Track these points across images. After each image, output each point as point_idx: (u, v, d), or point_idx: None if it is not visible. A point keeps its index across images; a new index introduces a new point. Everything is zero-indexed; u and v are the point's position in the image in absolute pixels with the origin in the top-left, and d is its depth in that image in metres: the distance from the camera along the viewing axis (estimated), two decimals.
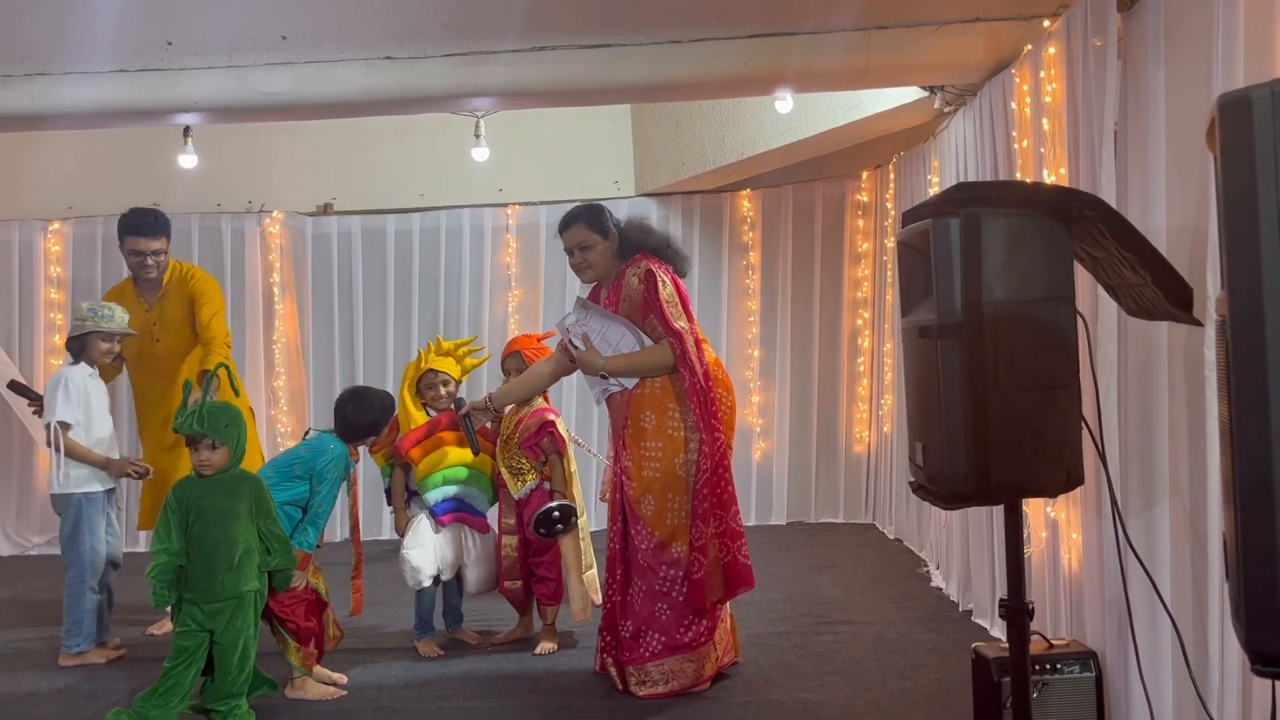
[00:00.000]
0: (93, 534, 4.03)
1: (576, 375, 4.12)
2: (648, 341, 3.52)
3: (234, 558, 3.24)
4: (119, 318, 4.10)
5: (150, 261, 4.45)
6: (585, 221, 3.63)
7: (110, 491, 4.15)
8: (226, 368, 3.82)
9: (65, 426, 3.96)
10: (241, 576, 3.26)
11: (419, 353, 4.19)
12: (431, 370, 4.13)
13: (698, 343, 3.49)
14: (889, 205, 6.01)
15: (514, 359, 4.13)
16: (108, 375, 4.36)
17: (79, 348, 4.08)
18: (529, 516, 3.94)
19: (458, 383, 4.22)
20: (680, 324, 3.45)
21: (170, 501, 3.27)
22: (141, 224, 4.42)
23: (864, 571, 5.30)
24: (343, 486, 3.74)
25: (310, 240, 6.58)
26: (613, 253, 3.62)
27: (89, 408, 4.04)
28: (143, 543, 6.09)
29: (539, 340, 4.22)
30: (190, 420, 3.25)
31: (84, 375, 4.05)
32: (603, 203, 3.85)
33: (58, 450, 3.96)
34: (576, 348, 3.61)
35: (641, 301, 3.50)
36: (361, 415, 3.80)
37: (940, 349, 2.20)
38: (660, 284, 3.48)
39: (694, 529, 3.39)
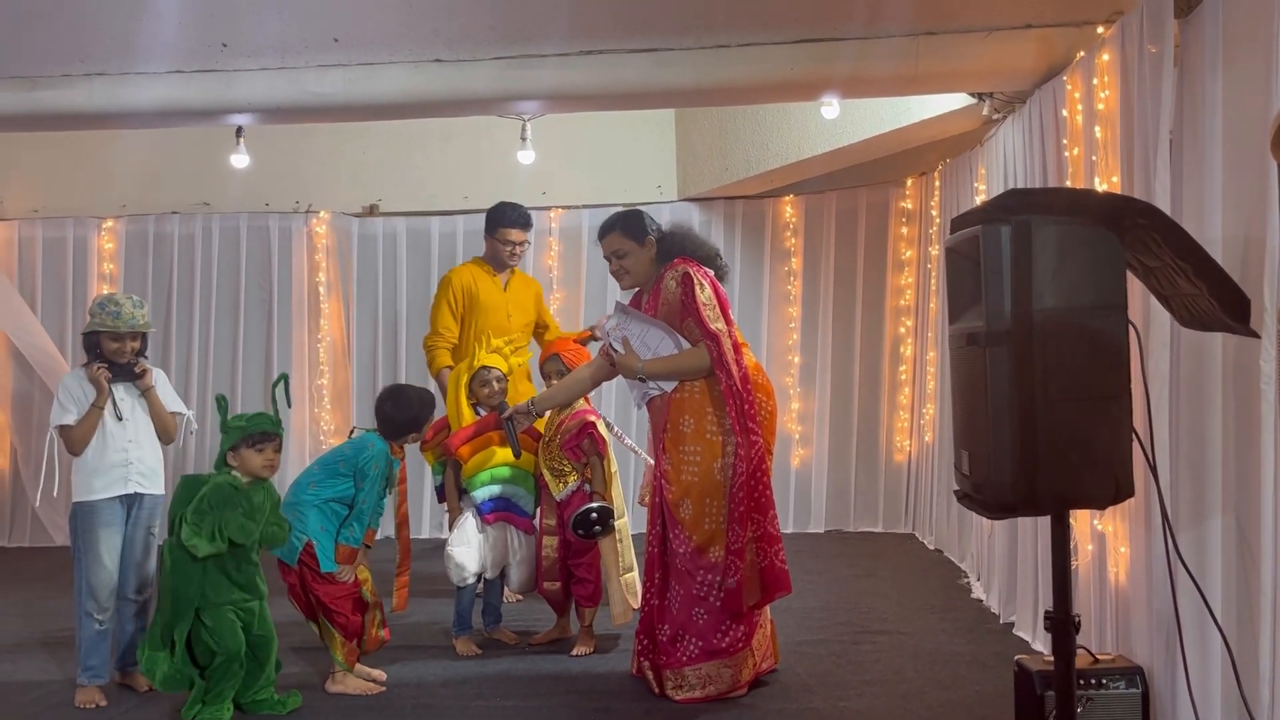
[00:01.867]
0: (90, 551, 3.52)
1: (619, 378, 4.14)
2: (686, 345, 3.52)
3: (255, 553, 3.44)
4: (126, 313, 3.61)
5: (518, 251, 5.07)
6: (621, 229, 3.67)
7: (135, 500, 3.63)
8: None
9: (63, 430, 3.57)
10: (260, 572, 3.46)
11: (472, 348, 4.22)
12: (484, 367, 4.18)
13: (736, 346, 3.49)
14: (934, 212, 5.97)
15: (553, 361, 4.16)
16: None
17: (90, 346, 3.66)
18: (569, 517, 3.95)
19: (506, 377, 4.26)
20: (717, 326, 3.45)
21: (219, 498, 3.33)
22: (519, 217, 5.06)
23: (903, 581, 5.25)
24: (384, 483, 3.78)
25: (356, 241, 6.65)
26: (650, 259, 3.64)
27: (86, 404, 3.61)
28: None
29: (576, 342, 4.23)
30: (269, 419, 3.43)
31: (79, 378, 3.62)
32: (644, 208, 3.88)
33: (51, 460, 3.84)
34: (616, 351, 3.62)
35: (679, 305, 3.51)
36: (400, 412, 3.84)
37: (988, 356, 2.19)
38: (698, 287, 3.48)
39: (730, 533, 3.39)
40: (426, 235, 6.65)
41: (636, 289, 3.77)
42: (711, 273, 3.61)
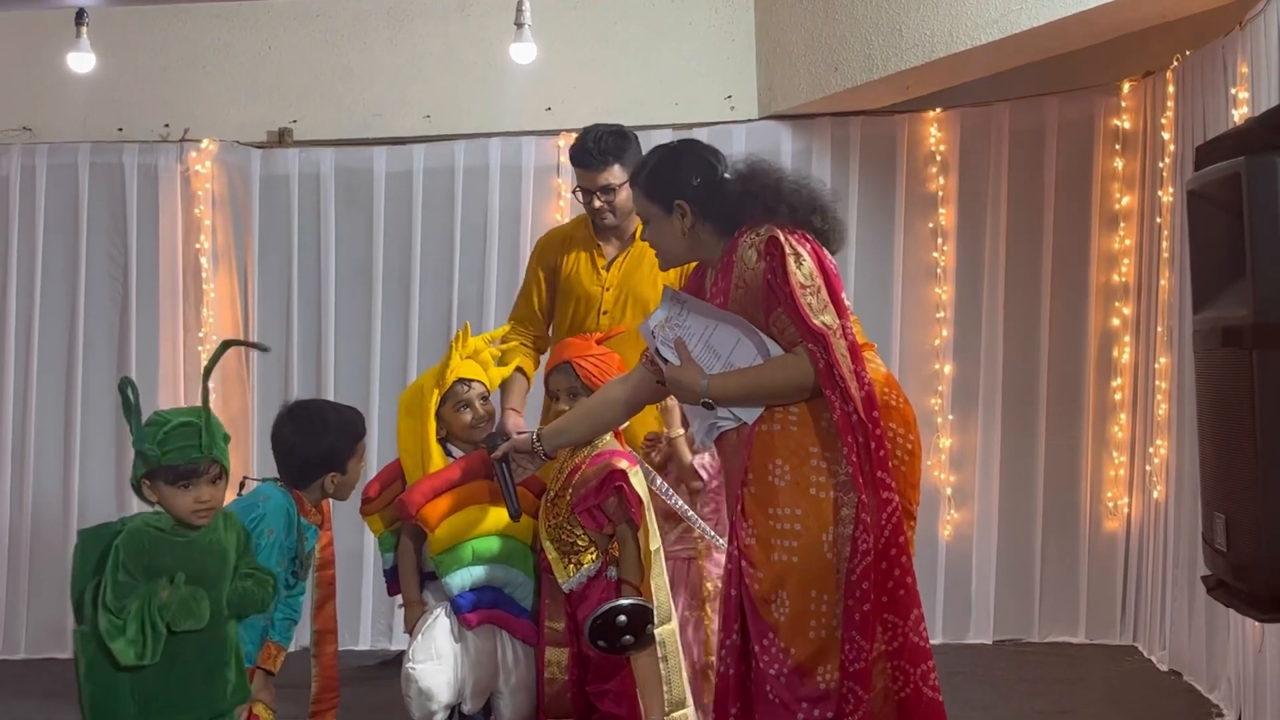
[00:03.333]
0: None
1: (671, 401, 4.13)
2: (777, 350, 3.52)
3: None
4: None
5: (599, 203, 4.82)
6: (644, 183, 3.70)
7: None
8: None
9: None
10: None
11: (448, 352, 4.26)
12: (462, 380, 4.20)
13: (855, 350, 3.48)
14: (1165, 136, 5.93)
15: (562, 375, 4.18)
16: None
17: None
18: (586, 619, 3.96)
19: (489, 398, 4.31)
20: (823, 320, 3.44)
21: (141, 555, 3.32)
22: (581, 151, 4.83)
23: None
24: (287, 556, 3.82)
25: (257, 184, 6.69)
26: (687, 230, 3.65)
27: None
28: None
29: (600, 345, 4.24)
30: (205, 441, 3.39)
31: None
32: (706, 132, 3.88)
33: None
34: (667, 362, 3.64)
35: (764, 287, 3.51)
36: (305, 442, 3.88)
37: (1257, 363, 2.20)
38: (791, 258, 3.48)
39: (847, 644, 3.38)
40: (366, 175, 6.68)
41: (698, 265, 3.78)
42: (813, 238, 3.60)
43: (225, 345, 3.61)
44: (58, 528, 6.54)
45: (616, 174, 4.76)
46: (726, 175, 3.65)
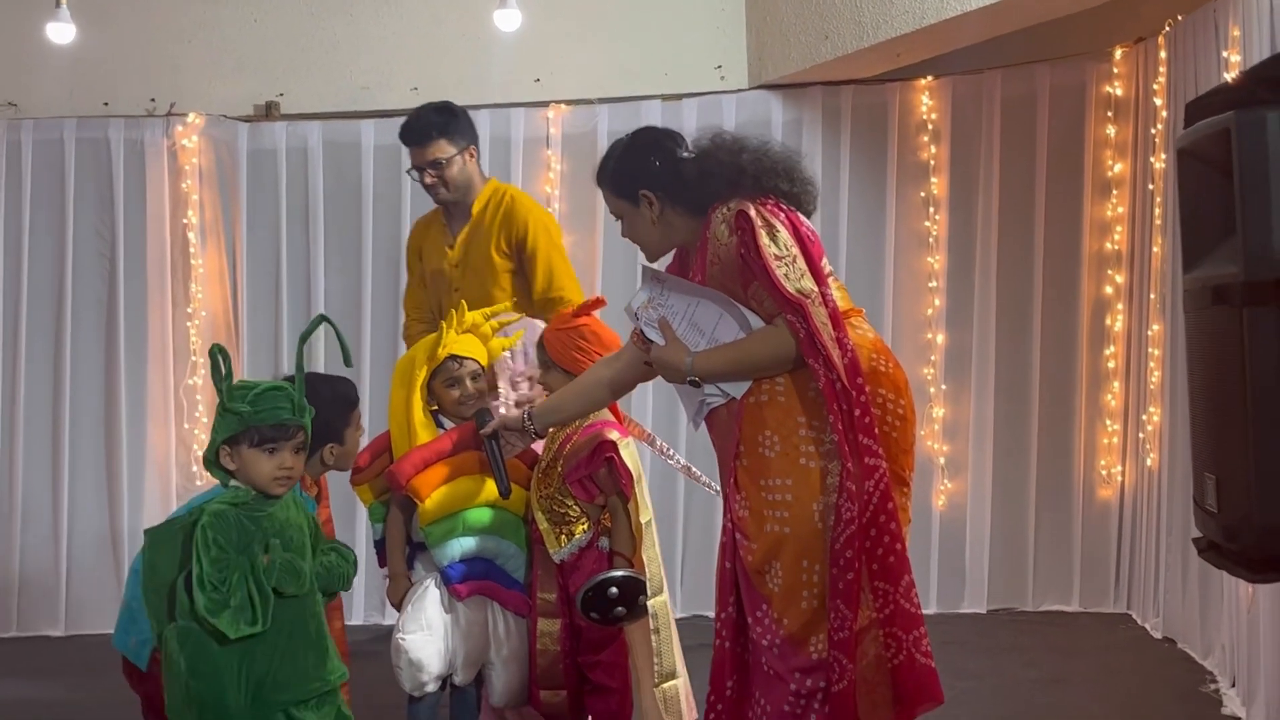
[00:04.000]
0: None
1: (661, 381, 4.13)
2: (757, 323, 3.52)
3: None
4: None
5: (430, 179, 5.14)
6: (610, 181, 3.75)
7: None
8: None
9: None
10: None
11: (438, 333, 4.25)
12: (454, 357, 4.20)
13: (836, 315, 3.48)
14: (1158, 101, 5.93)
15: (537, 349, 4.23)
16: None
17: None
18: (577, 590, 3.97)
19: (485, 373, 4.30)
20: (799, 287, 3.43)
21: (229, 532, 3.29)
22: (406, 130, 5.14)
23: (1114, 690, 5.25)
24: None
25: (245, 158, 6.70)
26: (656, 218, 3.69)
27: None
28: None
29: (575, 315, 4.23)
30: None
31: None
32: (698, 101, 3.84)
33: None
34: (651, 342, 3.63)
35: (738, 262, 3.51)
36: None
37: (1248, 321, 2.20)
38: (764, 231, 3.47)
39: (832, 613, 3.38)
40: (354, 148, 6.69)
41: (677, 250, 3.79)
42: (786, 203, 3.59)
43: (320, 319, 3.63)
44: (45, 496, 6.59)
45: (444, 148, 5.06)
46: (686, 156, 3.66)
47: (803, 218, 3.61)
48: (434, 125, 5.03)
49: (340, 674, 3.45)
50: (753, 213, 3.49)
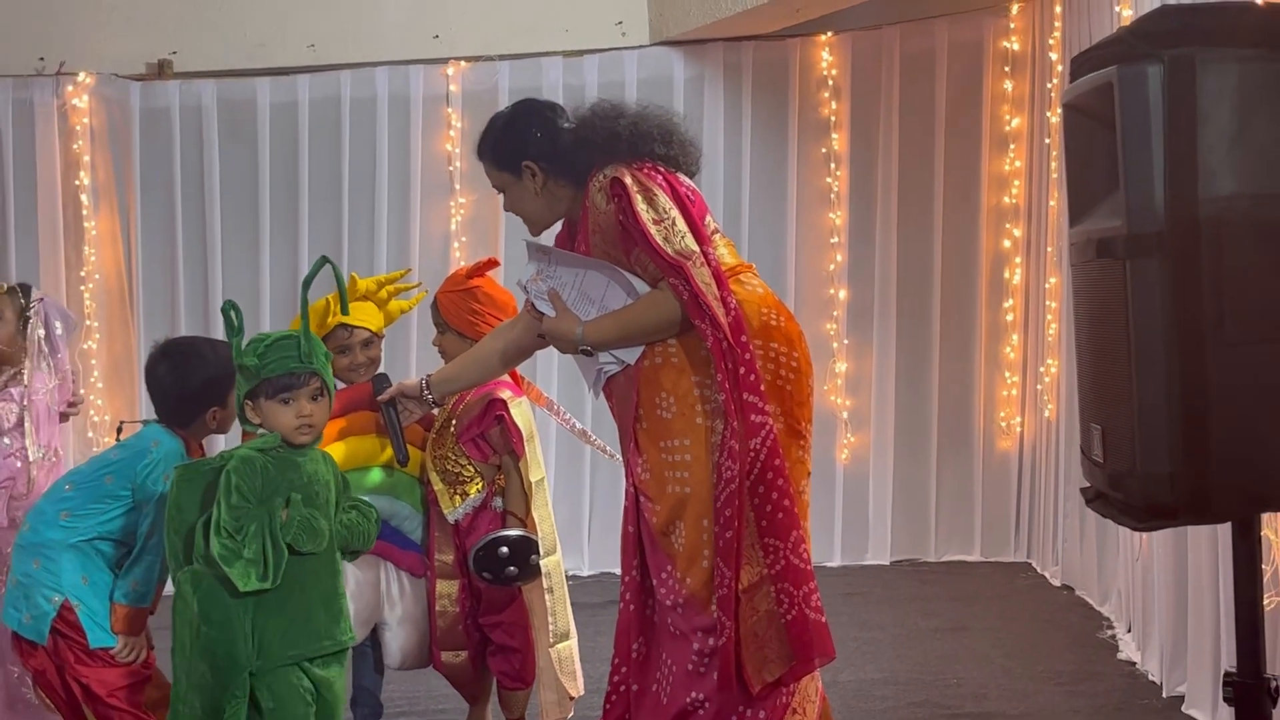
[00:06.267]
0: None
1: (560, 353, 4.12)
2: (643, 288, 3.51)
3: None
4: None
5: None
6: (490, 153, 3.72)
7: None
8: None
9: None
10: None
11: (327, 300, 4.19)
12: (344, 326, 4.14)
13: (719, 274, 3.46)
14: (1054, 56, 5.97)
15: (431, 310, 4.19)
16: None
17: None
18: (470, 550, 3.95)
19: (380, 338, 4.24)
20: (679, 247, 3.42)
21: (254, 479, 3.30)
22: None
23: (1014, 637, 5.30)
24: None
25: (138, 118, 6.61)
26: (539, 189, 3.67)
27: None
28: None
29: (467, 277, 4.20)
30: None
31: None
32: (600, 57, 3.80)
33: None
34: (543, 314, 3.62)
35: (617, 229, 3.50)
36: (183, 378, 3.78)
37: (1131, 274, 2.21)
38: (640, 195, 3.46)
39: (716, 569, 3.39)
40: (250, 106, 6.62)
41: (565, 222, 3.76)
42: (664, 166, 3.58)
43: (323, 260, 3.58)
44: None
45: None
46: (566, 126, 3.64)
47: (683, 178, 3.60)
48: None
49: (350, 636, 3.49)
50: (628, 179, 3.48)
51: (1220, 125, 2.16)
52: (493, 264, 4.28)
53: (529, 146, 3.63)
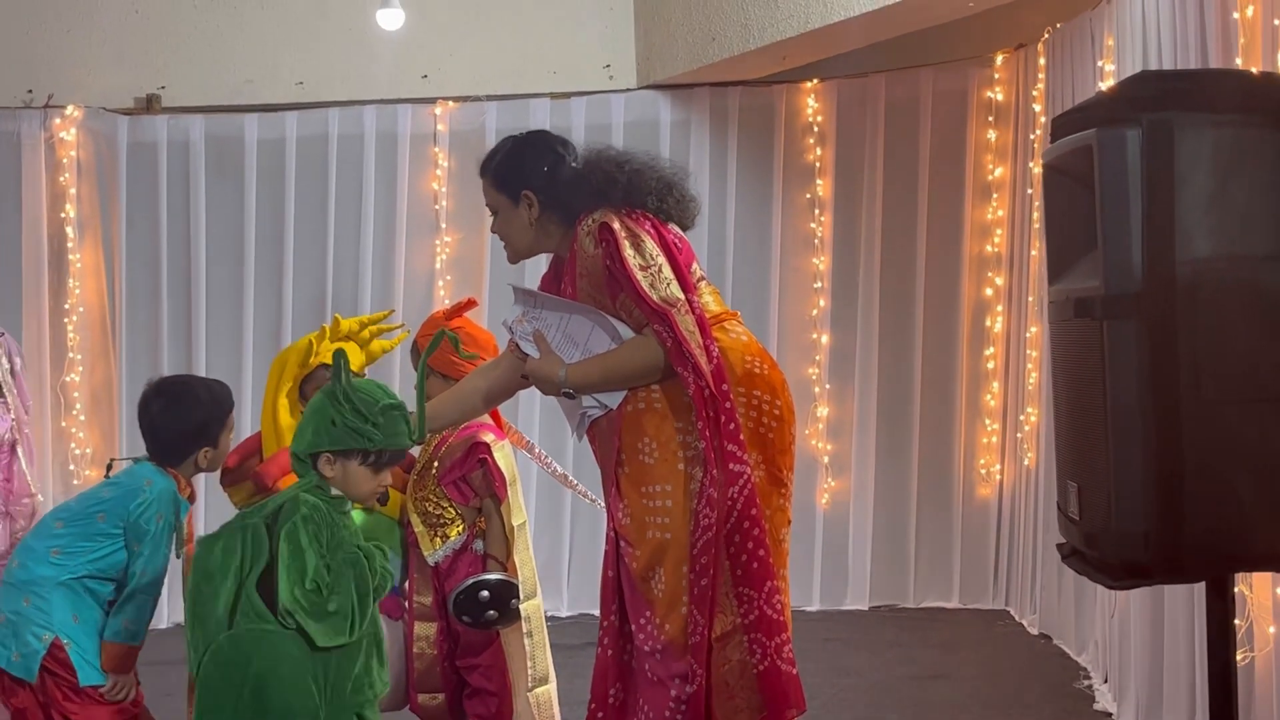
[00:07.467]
0: None
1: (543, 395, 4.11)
2: (627, 333, 3.51)
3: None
4: None
5: None
6: (493, 172, 3.69)
7: None
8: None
9: None
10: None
11: (310, 339, 4.19)
12: (326, 366, 4.13)
13: (703, 322, 3.47)
14: (1037, 108, 6.01)
15: (415, 354, 4.18)
16: None
17: None
18: (450, 593, 3.95)
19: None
20: (664, 295, 3.43)
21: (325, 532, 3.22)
22: None
23: (991, 686, 5.30)
24: (173, 541, 3.74)
25: (125, 151, 6.61)
26: (534, 220, 3.65)
27: None
28: None
29: (446, 318, 4.19)
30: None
31: None
32: (585, 100, 3.84)
33: None
34: (527, 356, 3.62)
35: (604, 273, 3.50)
36: (177, 417, 3.78)
37: (1108, 335, 2.22)
38: (628, 241, 3.47)
39: (690, 617, 3.38)
40: (237, 143, 6.63)
41: (554, 258, 3.76)
42: (656, 216, 3.58)
43: (441, 335, 3.69)
44: None
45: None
46: (573, 165, 3.64)
47: (673, 227, 3.61)
48: None
49: (386, 680, 3.43)
50: (616, 225, 3.48)
51: (1197, 188, 2.18)
52: (471, 304, 4.29)
53: (533, 177, 3.62)
